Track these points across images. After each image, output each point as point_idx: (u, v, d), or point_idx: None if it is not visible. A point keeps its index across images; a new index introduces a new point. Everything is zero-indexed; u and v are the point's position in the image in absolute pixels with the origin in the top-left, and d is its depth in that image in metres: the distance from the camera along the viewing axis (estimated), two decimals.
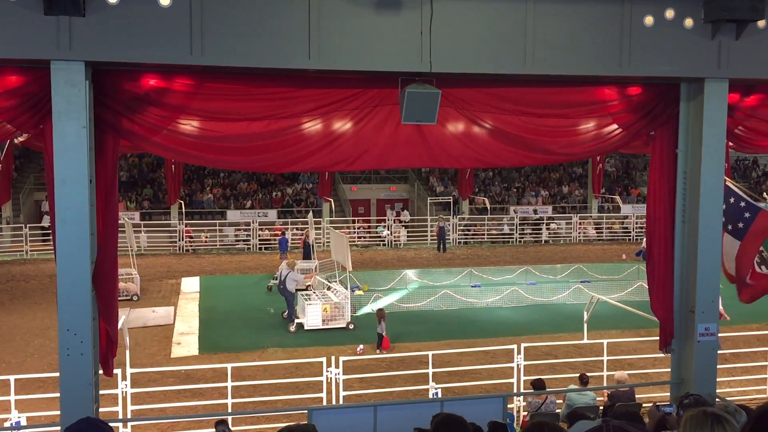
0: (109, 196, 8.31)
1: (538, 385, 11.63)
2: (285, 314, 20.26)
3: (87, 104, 7.74)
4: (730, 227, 10.16)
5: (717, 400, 9.80)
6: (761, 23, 8.92)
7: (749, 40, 9.03)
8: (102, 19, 7.53)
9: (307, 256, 27.48)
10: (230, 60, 8.03)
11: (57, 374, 8.09)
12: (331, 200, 37.50)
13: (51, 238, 8.13)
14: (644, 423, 6.55)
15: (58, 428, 8.11)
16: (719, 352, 10.27)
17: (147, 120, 8.41)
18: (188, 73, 8.40)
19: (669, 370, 10.62)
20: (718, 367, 10.21)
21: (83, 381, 7.96)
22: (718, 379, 10.28)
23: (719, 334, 10.04)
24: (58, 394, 8.06)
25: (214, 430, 9.50)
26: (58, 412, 8.09)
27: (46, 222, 32.08)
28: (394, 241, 36.31)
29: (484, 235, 37.53)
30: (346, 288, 20.56)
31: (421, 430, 5.98)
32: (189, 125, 8.69)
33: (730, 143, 10.21)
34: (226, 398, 12.67)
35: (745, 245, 10.08)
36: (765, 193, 34.72)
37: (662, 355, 10.61)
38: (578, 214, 39.74)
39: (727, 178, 9.95)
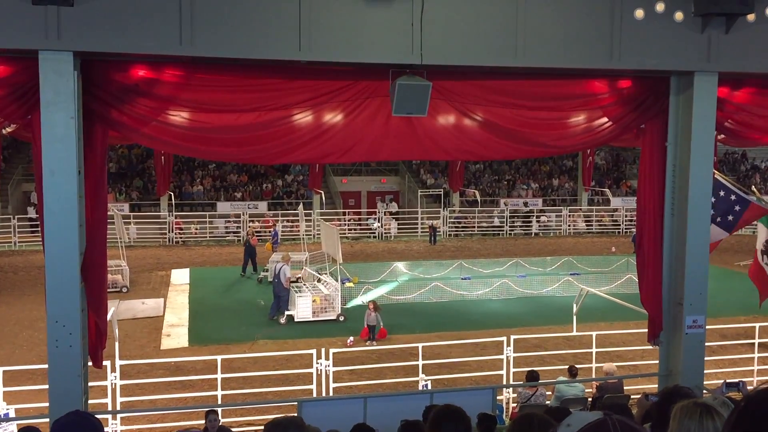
0: (98, 187, 8.27)
1: (531, 377, 11.70)
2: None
3: (75, 94, 7.68)
4: (719, 219, 10.22)
5: (704, 392, 9.87)
6: (751, 17, 8.95)
7: (739, 33, 9.06)
8: (91, 9, 7.47)
9: (250, 260, 25.67)
10: (220, 51, 7.99)
11: (46, 366, 8.06)
12: (322, 192, 37.44)
13: (39, 229, 8.09)
14: (632, 415, 6.59)
15: (47, 420, 8.08)
16: (706, 343, 10.35)
17: (136, 111, 8.36)
18: (178, 63, 8.35)
19: (657, 362, 10.69)
20: (706, 358, 10.29)
21: (72, 373, 7.93)
22: (705, 371, 10.36)
23: (708, 326, 10.12)
24: (46, 386, 8.04)
25: (204, 421, 9.50)
26: (47, 404, 8.06)
27: (32, 213, 31.88)
28: (385, 233, 36.31)
29: (474, 227, 37.59)
30: (337, 280, 20.56)
31: (408, 422, 5.99)
32: (179, 116, 8.65)
33: (720, 136, 10.26)
34: (216, 390, 12.66)
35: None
36: (753, 186, 34.92)
37: (650, 347, 10.68)
38: (568, 207, 39.86)
39: (716, 171, 10.00)
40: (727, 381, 6.27)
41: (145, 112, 8.43)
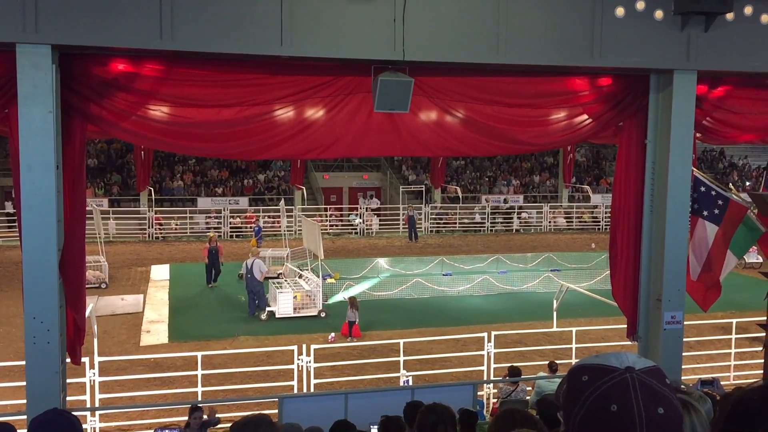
0: (77, 182, 8.17)
1: (513, 373, 11.76)
2: (250, 307, 19.99)
3: (54, 88, 7.58)
4: (706, 213, 10.26)
5: (682, 387, 9.97)
6: (730, 16, 9.03)
7: (718, 32, 9.14)
8: (69, 1, 7.38)
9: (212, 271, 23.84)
10: (201, 45, 7.92)
11: (23, 363, 7.98)
12: (303, 188, 37.35)
13: (17, 224, 7.99)
14: None
15: (24, 417, 7.99)
16: (684, 339, 10.45)
17: (115, 105, 8.28)
18: (158, 58, 8.27)
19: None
20: (684, 354, 10.40)
21: (50, 369, 7.85)
22: (683, 367, 10.47)
23: (686, 322, 10.22)
24: (24, 383, 7.95)
25: (186, 417, 9.45)
26: (24, 401, 7.98)
27: (10, 208, 31.52)
28: (366, 229, 36.31)
29: (455, 223, 37.69)
30: (318, 276, 20.53)
31: (389, 418, 6.01)
32: (159, 111, 8.57)
33: (698, 134, 10.34)
34: (196, 387, 12.60)
35: (721, 232, 10.19)
36: (731, 184, 35.32)
37: (630, 342, 10.77)
38: (549, 204, 40.09)
39: (695, 169, 10.08)
40: (702, 378, 6.34)
41: (124, 107, 8.34)
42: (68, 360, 8.54)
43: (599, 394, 1.65)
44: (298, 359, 12.81)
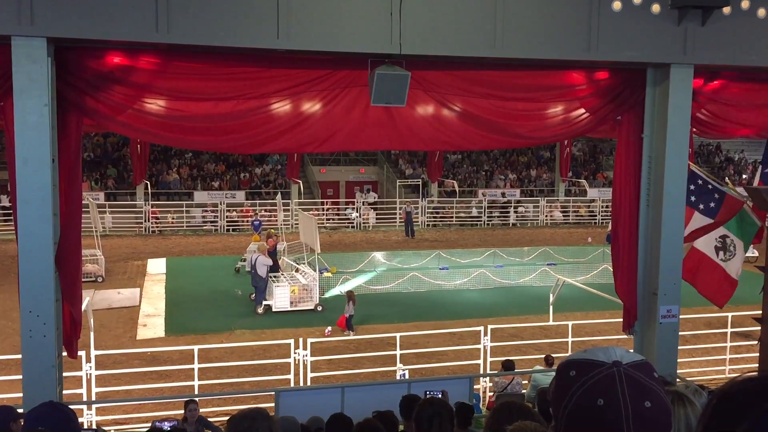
0: (73, 176, 8.16)
1: (507, 366, 11.78)
2: (252, 296, 20.15)
3: (49, 82, 7.56)
4: (701, 206, 10.30)
5: (677, 380, 10.01)
6: (726, 10, 9.03)
7: (714, 26, 9.14)
8: None
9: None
10: (197, 38, 7.89)
11: (19, 356, 7.97)
12: (300, 182, 37.30)
13: (12, 218, 7.98)
14: None
15: (21, 411, 7.99)
16: (680, 333, 10.49)
17: (111, 98, 8.25)
18: (154, 51, 8.25)
19: (631, 351, 10.79)
20: (679, 348, 10.43)
21: (46, 363, 7.85)
22: (679, 360, 10.50)
23: (681, 316, 10.25)
24: (20, 377, 7.95)
25: (182, 411, 9.46)
26: (21, 395, 7.98)
27: (6, 201, 31.45)
28: (363, 223, 36.31)
29: (452, 217, 37.71)
30: (315, 270, 20.53)
31: (380, 413, 6.04)
32: (155, 104, 8.55)
33: (693, 129, 10.35)
34: (193, 380, 12.61)
35: (713, 225, 10.23)
36: (727, 178, 35.36)
37: (625, 336, 10.80)
38: (545, 198, 40.11)
39: (691, 163, 10.09)
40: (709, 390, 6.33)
41: (120, 100, 8.32)
42: (64, 353, 8.54)
43: (586, 388, 1.66)
44: (295, 353, 12.82)
